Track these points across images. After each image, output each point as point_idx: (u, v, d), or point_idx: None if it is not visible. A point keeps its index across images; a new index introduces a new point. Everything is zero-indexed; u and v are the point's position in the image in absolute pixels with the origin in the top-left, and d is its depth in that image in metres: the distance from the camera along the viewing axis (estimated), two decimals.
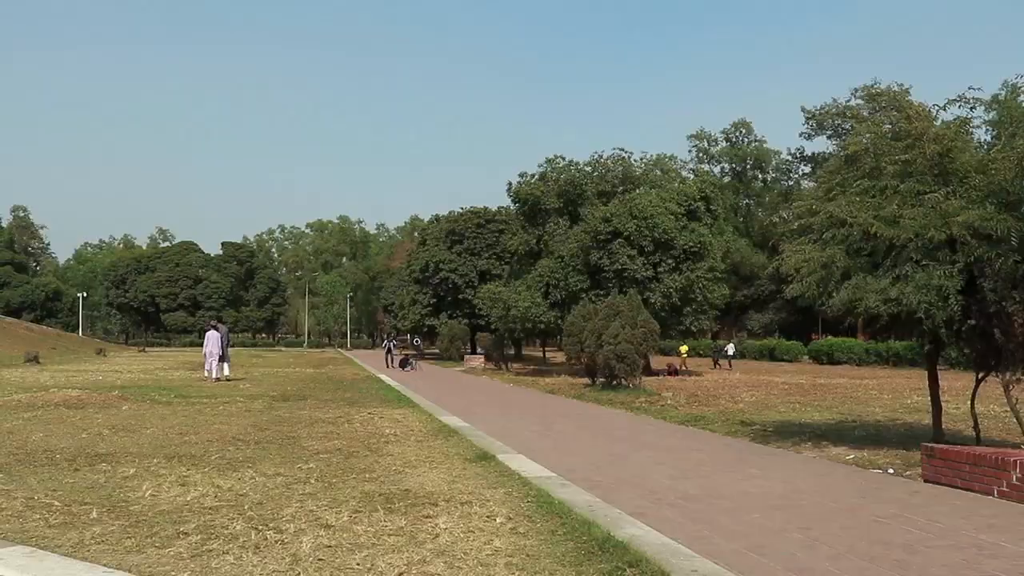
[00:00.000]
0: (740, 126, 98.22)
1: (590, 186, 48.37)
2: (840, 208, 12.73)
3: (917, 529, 8.06)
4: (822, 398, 25.12)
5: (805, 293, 12.92)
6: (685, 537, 7.55)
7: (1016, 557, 7.00)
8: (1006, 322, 11.62)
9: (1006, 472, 9.53)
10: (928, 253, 11.88)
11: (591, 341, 28.93)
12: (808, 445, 14.47)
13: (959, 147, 13.03)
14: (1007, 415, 15.24)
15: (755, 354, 65.62)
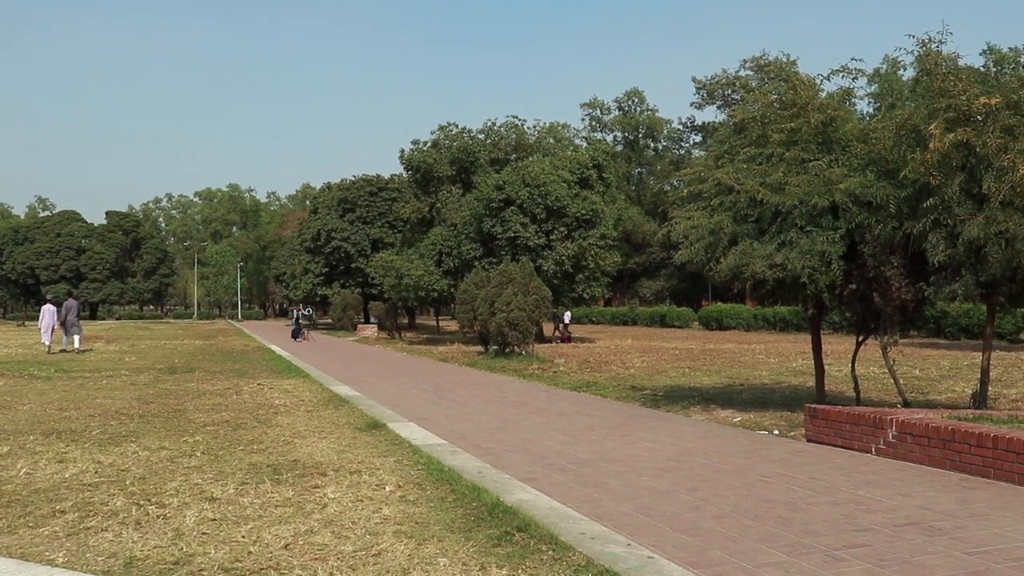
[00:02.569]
0: (633, 95, 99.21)
1: (483, 154, 48.28)
2: (728, 175, 12.95)
3: (799, 487, 8.29)
4: (711, 363, 25.65)
5: (693, 259, 13.12)
6: (575, 501, 7.62)
7: (890, 511, 7.27)
8: (884, 286, 11.98)
9: (883, 430, 9.87)
10: (812, 219, 12.17)
11: (484, 309, 28.96)
12: (697, 409, 14.76)
13: (842, 117, 13.37)
14: (886, 376, 15.78)
15: (647, 321, 66.61)
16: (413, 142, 50.34)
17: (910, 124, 11.93)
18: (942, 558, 5.87)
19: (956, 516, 7.07)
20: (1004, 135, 11.01)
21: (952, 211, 11.12)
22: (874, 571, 5.58)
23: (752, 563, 5.75)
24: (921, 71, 12.67)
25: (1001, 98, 11.29)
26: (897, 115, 12.54)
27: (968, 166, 11.38)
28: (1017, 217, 10.70)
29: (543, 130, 57.74)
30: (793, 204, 12.12)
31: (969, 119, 11.37)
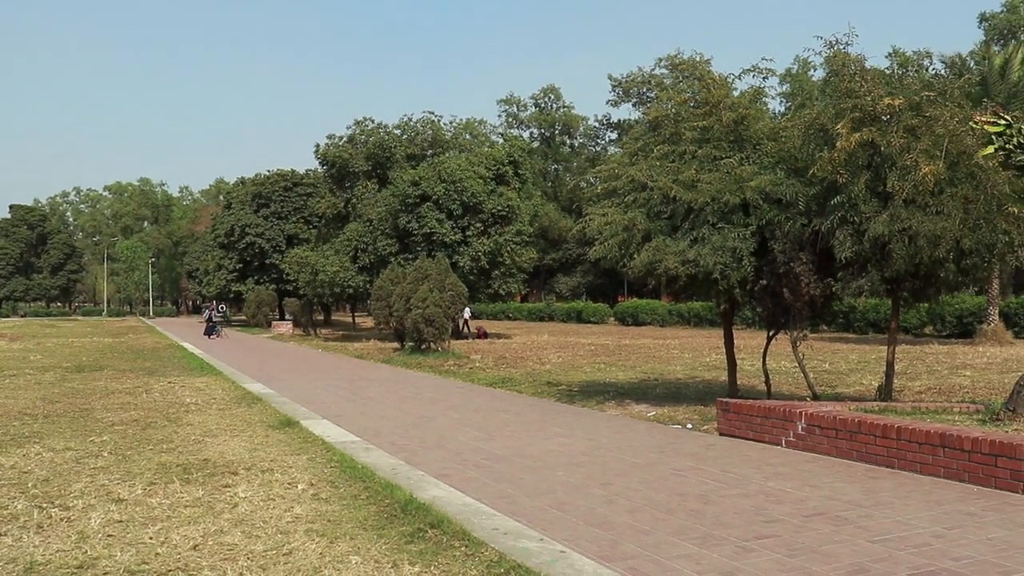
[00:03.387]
0: (549, 92, 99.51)
1: (399, 149, 48.02)
2: (641, 172, 13.08)
3: (712, 480, 8.42)
4: (626, 358, 25.88)
5: (607, 255, 13.23)
6: (489, 496, 7.64)
7: (799, 501, 7.43)
8: (794, 282, 12.21)
9: (792, 423, 10.07)
10: (724, 216, 12.35)
11: (400, 305, 28.83)
12: (612, 404, 14.88)
13: (753, 115, 13.60)
14: (797, 370, 16.08)
15: (563, 317, 66.96)
16: (328, 137, 49.93)
17: (818, 123, 12.19)
18: (848, 546, 6.01)
19: (862, 505, 7.25)
20: (907, 135, 11.30)
21: (858, 208, 11.38)
22: (783, 561, 5.69)
23: (664, 555, 5.82)
24: (830, 72, 12.94)
25: (904, 99, 11.59)
26: (806, 114, 12.81)
27: (873, 165, 11.66)
28: (919, 215, 11.00)
29: (460, 126, 57.76)
30: (705, 201, 12.29)
31: (874, 119, 11.64)
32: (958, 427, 8.83)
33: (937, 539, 6.20)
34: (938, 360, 23.60)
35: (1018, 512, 6.99)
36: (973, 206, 11.10)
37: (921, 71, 13.82)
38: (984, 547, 5.98)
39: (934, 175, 10.86)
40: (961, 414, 10.45)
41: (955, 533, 6.36)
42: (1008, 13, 69.50)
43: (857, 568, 5.54)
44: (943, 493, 7.72)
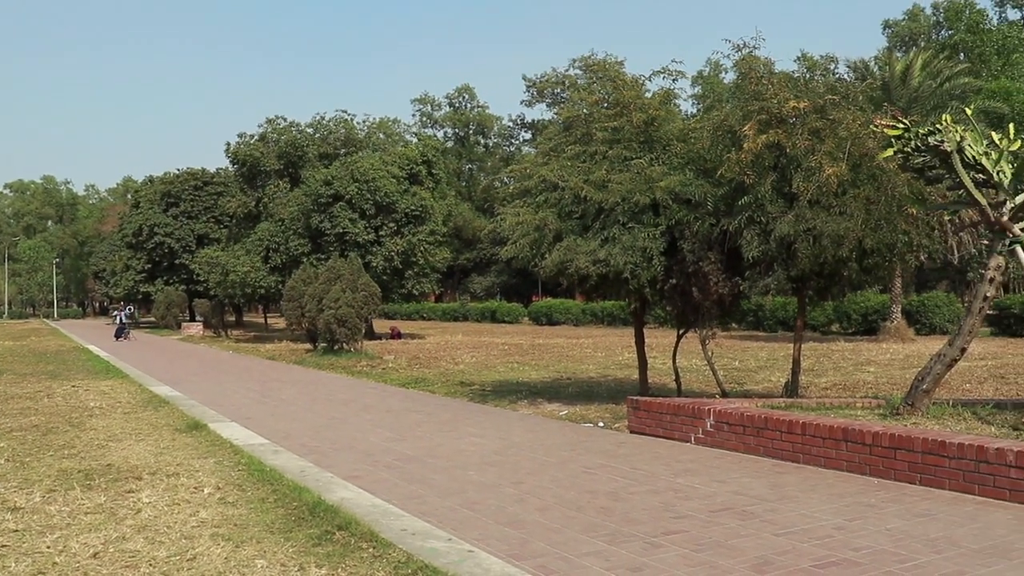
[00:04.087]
0: (464, 91, 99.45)
1: (312, 148, 47.57)
2: (553, 172, 13.14)
3: (621, 477, 8.49)
4: (540, 357, 25.99)
5: (519, 255, 13.26)
6: (399, 497, 7.59)
7: (706, 497, 7.53)
8: (703, 281, 12.38)
9: (701, 420, 10.21)
10: (634, 216, 12.47)
11: (312, 306, 28.54)
12: (524, 403, 14.93)
13: (663, 117, 13.76)
14: (707, 368, 16.31)
15: (477, 316, 66.96)
16: (239, 135, 49.23)
17: (726, 125, 12.38)
18: (753, 540, 6.12)
19: (768, 500, 7.39)
20: (812, 137, 11.55)
21: (765, 209, 11.59)
22: (690, 556, 5.76)
23: (574, 553, 5.85)
24: (740, 75, 13.16)
25: (809, 102, 11.84)
26: (715, 116, 13.01)
27: (779, 166, 11.89)
28: (823, 215, 11.24)
29: (373, 125, 57.37)
30: (616, 201, 12.39)
31: (781, 121, 11.87)
32: (860, 422, 9.04)
33: (839, 531, 6.34)
34: (844, 357, 24.17)
35: (916, 503, 7.20)
36: (874, 207, 11.39)
37: (828, 75, 14.14)
38: (883, 537, 6.14)
39: (837, 176, 11.11)
40: (864, 409, 10.72)
41: (856, 524, 6.52)
42: (910, 21, 71.54)
43: (762, 561, 5.63)
44: (846, 486, 7.91)
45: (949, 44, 59.03)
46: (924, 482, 7.82)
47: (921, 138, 9.76)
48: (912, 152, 9.90)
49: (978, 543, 5.99)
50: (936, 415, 9.78)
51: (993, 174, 9.69)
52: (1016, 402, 11.45)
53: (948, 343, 10.08)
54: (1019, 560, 5.61)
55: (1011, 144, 9.87)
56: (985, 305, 9.88)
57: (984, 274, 9.89)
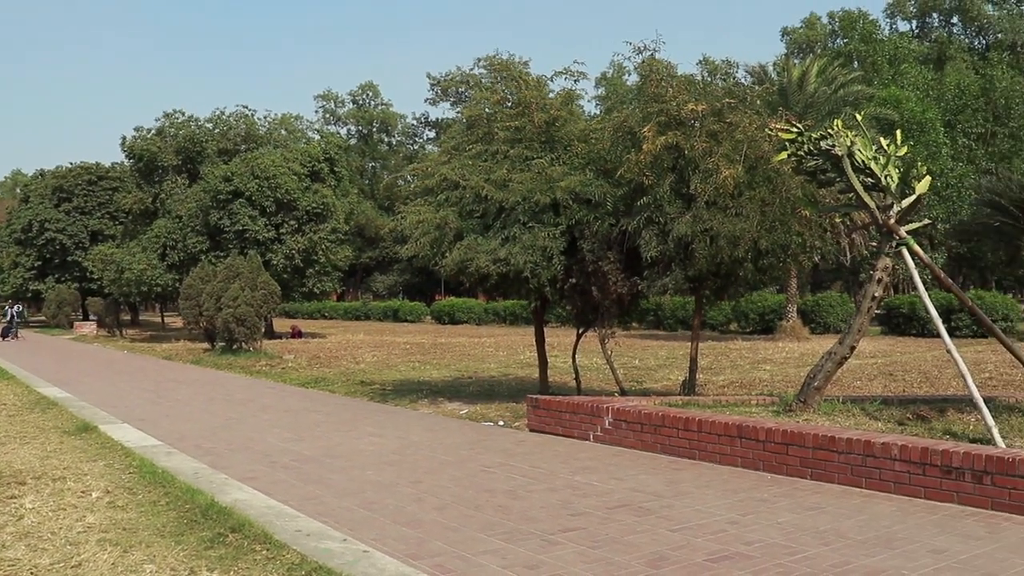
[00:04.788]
0: (367, 89, 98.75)
1: (211, 144, 46.67)
2: (454, 171, 13.12)
3: (520, 476, 8.51)
4: (441, 356, 25.93)
5: (419, 253, 13.21)
6: (296, 498, 7.49)
7: (604, 494, 7.61)
8: (602, 280, 12.48)
9: (600, 418, 10.30)
10: (534, 216, 12.52)
11: (210, 304, 28.00)
12: (425, 402, 14.88)
13: (565, 117, 13.83)
14: (607, 366, 16.47)
15: (379, 315, 66.52)
16: (136, 129, 47.93)
17: (626, 126, 12.52)
18: (649, 536, 6.20)
19: (664, 496, 7.49)
20: (709, 140, 11.75)
21: (663, 209, 11.74)
22: (586, 552, 5.81)
23: (471, 551, 5.85)
24: (642, 77, 13.32)
25: (707, 105, 12.04)
26: (615, 117, 13.13)
27: (678, 167, 12.06)
28: (720, 216, 11.44)
29: (275, 121, 56.64)
30: (516, 201, 12.43)
31: (679, 123, 12.06)
32: (754, 419, 9.24)
33: (732, 525, 6.46)
34: (741, 355, 24.66)
35: (806, 497, 7.39)
36: (769, 208, 11.64)
37: (728, 79, 14.40)
38: (775, 531, 6.28)
39: (734, 178, 11.32)
40: (758, 406, 10.94)
41: (749, 519, 6.65)
42: (807, 29, 73.42)
43: (657, 556, 5.70)
44: (740, 481, 8.07)
45: (844, 52, 60.75)
46: (815, 476, 8.02)
47: (814, 142, 10.00)
48: (805, 156, 10.14)
49: (864, 534, 6.18)
50: (827, 411, 10.03)
51: (881, 178, 9.97)
52: (902, 398, 11.82)
53: (839, 341, 10.35)
54: (901, 549, 5.80)
55: (898, 150, 10.18)
56: (873, 305, 10.17)
57: (872, 275, 10.18)
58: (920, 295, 9.97)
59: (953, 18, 74.64)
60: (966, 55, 65.39)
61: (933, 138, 43.62)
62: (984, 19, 71.64)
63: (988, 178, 20.58)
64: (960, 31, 74.32)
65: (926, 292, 10.02)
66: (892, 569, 5.39)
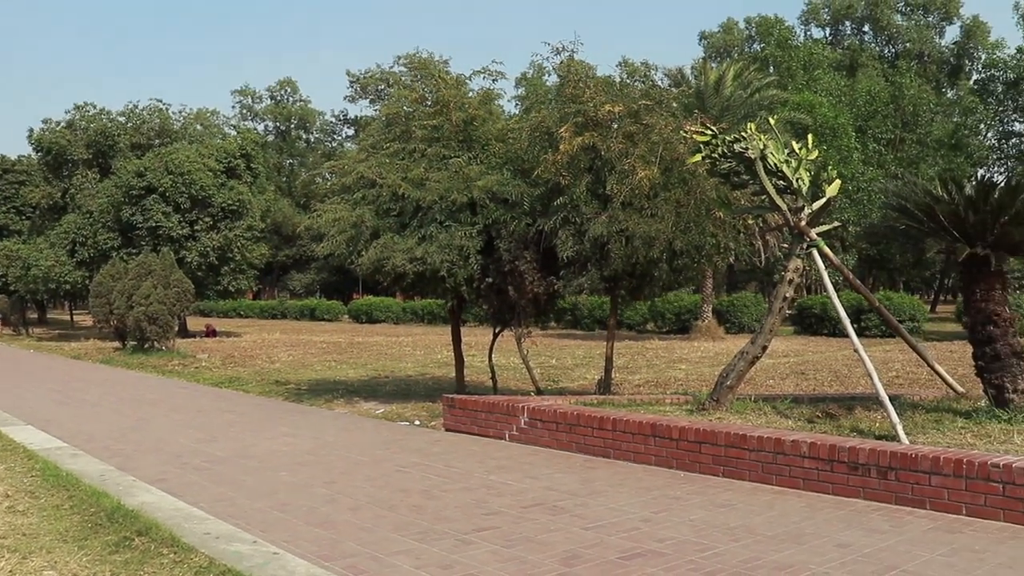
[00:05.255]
0: (286, 85, 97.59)
1: (123, 138, 45.70)
2: (371, 169, 13.03)
3: (435, 475, 8.48)
4: (358, 356, 25.76)
5: (335, 251, 13.09)
6: (207, 500, 7.36)
7: (519, 493, 7.61)
8: (519, 280, 12.49)
9: (515, 417, 10.31)
10: (451, 215, 12.50)
11: (121, 303, 27.40)
12: (341, 402, 14.76)
13: (482, 117, 13.82)
14: (524, 366, 16.52)
15: (296, 314, 65.79)
16: (44, 121, 46.83)
17: (544, 127, 12.55)
18: (563, 534, 6.21)
19: (578, 495, 7.52)
20: (626, 141, 11.84)
21: (579, 210, 11.80)
22: (500, 551, 5.80)
23: (384, 552, 5.80)
24: (560, 78, 13.38)
25: (624, 107, 12.14)
26: (533, 117, 13.16)
27: (594, 168, 12.14)
28: (636, 217, 11.54)
29: (190, 116, 55.56)
30: (433, 200, 12.39)
31: (596, 124, 12.12)
32: (668, 417, 9.33)
33: (645, 523, 6.52)
34: (657, 355, 24.93)
35: (719, 494, 7.48)
36: (684, 210, 11.78)
37: (647, 81, 14.53)
38: (686, 528, 6.35)
39: (649, 180, 11.43)
40: (672, 405, 11.06)
41: (662, 516, 6.72)
42: (724, 33, 74.65)
43: (570, 554, 5.72)
44: (653, 479, 8.14)
45: (760, 57, 61.87)
46: (727, 474, 8.13)
47: (727, 145, 10.15)
48: (719, 158, 10.28)
49: (773, 530, 6.28)
50: (739, 410, 10.18)
51: (793, 181, 10.16)
52: (813, 397, 12.05)
53: (751, 341, 10.51)
54: (808, 544, 5.91)
55: (810, 153, 10.39)
56: (785, 305, 10.35)
57: (784, 276, 10.37)
58: (829, 296, 10.18)
59: (864, 27, 76.61)
60: (877, 63, 67.10)
61: (845, 143, 44.61)
62: (894, 28, 73.66)
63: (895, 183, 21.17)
64: (871, 39, 76.29)
65: (835, 293, 10.24)
66: (800, 564, 5.49)
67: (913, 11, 74.75)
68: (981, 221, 9.41)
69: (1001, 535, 6.12)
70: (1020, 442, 8.11)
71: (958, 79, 71.66)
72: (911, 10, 74.88)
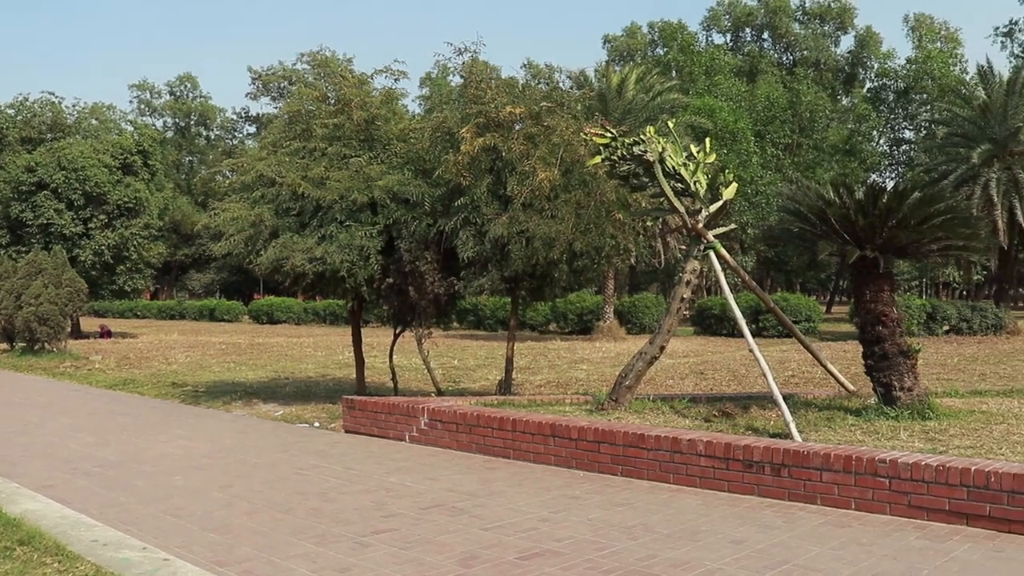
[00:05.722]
0: (186, 80, 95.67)
1: (12, 131, 44.15)
2: (271, 167, 12.83)
3: (334, 477, 8.40)
4: (258, 357, 25.37)
5: (234, 251, 12.86)
6: (97, 506, 7.16)
7: (418, 495, 7.59)
8: (419, 280, 12.43)
9: (416, 418, 10.28)
10: (352, 215, 12.38)
11: (9, 302, 26.47)
12: (239, 404, 14.52)
13: (384, 116, 13.72)
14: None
15: (195, 315, 64.52)
16: None
17: (445, 127, 12.52)
18: (461, 535, 6.21)
19: (477, 495, 7.53)
20: (527, 142, 11.88)
21: (480, 210, 11.80)
22: (398, 554, 5.77)
23: (280, 556, 5.73)
24: (463, 78, 13.36)
25: (526, 108, 12.18)
26: (434, 118, 13.12)
27: (495, 169, 12.15)
28: (536, 218, 11.58)
29: (84, 110, 53.94)
30: (334, 199, 12.26)
31: (498, 126, 12.14)
32: (568, 417, 9.39)
33: (544, 523, 6.55)
34: (559, 355, 25.08)
35: (617, 493, 7.57)
36: (584, 211, 11.87)
37: (551, 83, 14.59)
38: (585, 527, 6.40)
39: (550, 181, 11.49)
40: (572, 405, 11.14)
41: (560, 516, 6.76)
42: (628, 37, 75.46)
43: (468, 555, 5.73)
44: (553, 479, 8.19)
45: (664, 62, 62.83)
46: (625, 473, 8.22)
47: (627, 147, 10.27)
48: (619, 160, 10.40)
49: (670, 528, 6.38)
50: (638, 410, 10.31)
51: (691, 184, 10.33)
52: (710, 396, 12.28)
53: (649, 342, 10.65)
54: (704, 541, 6.02)
55: (707, 157, 10.58)
56: (682, 306, 10.51)
57: (681, 277, 10.53)
58: (725, 296, 10.39)
59: (764, 34, 78.25)
60: (775, 69, 68.62)
61: (744, 147, 45.58)
62: (792, 37, 75.42)
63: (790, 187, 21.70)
64: (770, 47, 77.97)
65: (732, 294, 10.45)
66: (695, 561, 5.58)
67: (810, 20, 76.68)
68: (870, 225, 9.70)
69: (887, 528, 6.32)
70: (906, 438, 8.39)
71: (852, 87, 73.85)
72: (808, 19, 76.82)
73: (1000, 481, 6.19)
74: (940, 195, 10.30)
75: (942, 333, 33.59)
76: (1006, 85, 40.45)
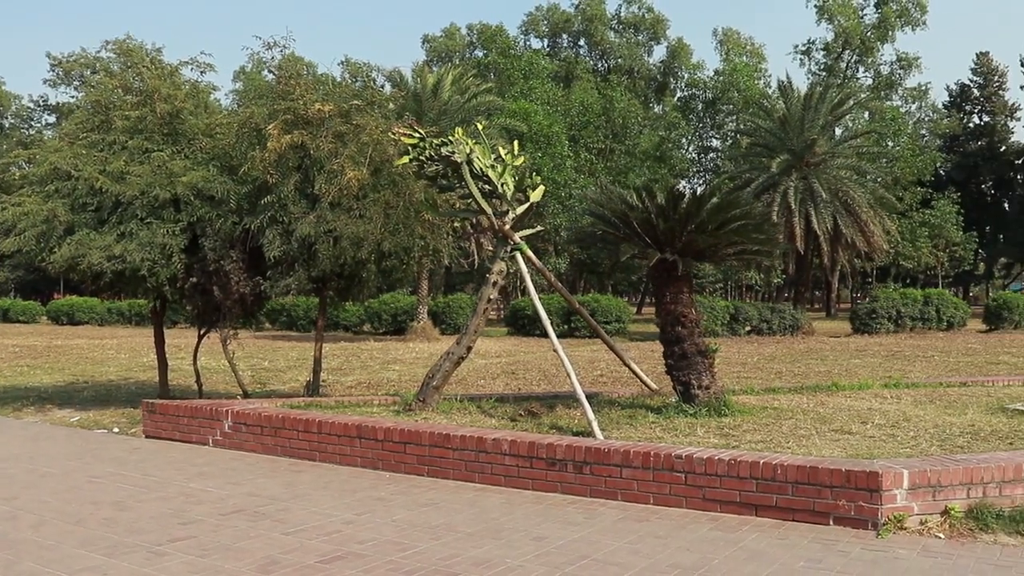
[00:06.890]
0: None
1: None
2: (65, 160, 12.22)
3: (131, 485, 8.11)
4: (56, 360, 24.16)
5: (24, 248, 12.18)
6: None
7: (219, 500, 7.41)
8: (224, 280, 12.09)
9: (219, 422, 10.04)
10: (154, 211, 11.94)
11: None
12: (31, 410, 13.78)
13: (189, 109, 13.29)
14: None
15: None
16: None
17: (252, 123, 12.24)
18: (262, 541, 6.12)
19: (281, 499, 7.42)
20: (336, 141, 11.75)
21: (288, 209, 11.59)
22: (195, 562, 5.64)
23: (68, 570, 5.50)
24: (275, 74, 13.11)
25: (335, 106, 12.04)
26: (241, 113, 12.83)
27: (303, 167, 11.97)
28: (344, 217, 11.47)
29: None
30: (134, 195, 11.79)
31: (306, 123, 11.96)
32: (374, 418, 9.38)
33: (348, 525, 6.52)
34: (372, 356, 24.97)
35: (423, 493, 7.61)
36: (393, 211, 11.84)
37: (368, 81, 14.49)
38: (389, 529, 6.41)
39: (358, 180, 11.40)
40: (380, 406, 11.13)
41: (365, 518, 6.75)
42: (447, 38, 75.81)
43: (269, 561, 5.65)
44: (359, 481, 8.16)
45: (483, 64, 63.36)
46: (432, 473, 8.27)
47: (435, 148, 10.33)
48: (427, 161, 10.45)
49: (474, 527, 6.46)
50: (445, 410, 10.39)
51: (498, 185, 10.48)
52: (518, 395, 12.50)
53: (456, 342, 10.75)
54: (506, 539, 6.13)
55: (515, 159, 10.75)
56: (489, 306, 10.68)
57: (488, 278, 10.67)
58: (531, 298, 10.58)
59: (580, 40, 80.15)
60: (591, 76, 70.29)
61: (559, 151, 46.44)
62: (607, 44, 77.56)
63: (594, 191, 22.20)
64: (586, 53, 79.90)
65: (537, 295, 10.65)
66: (497, 559, 5.67)
67: (625, 29, 79.04)
68: (670, 229, 10.08)
69: (683, 521, 6.59)
70: (702, 434, 8.76)
71: (664, 95, 76.43)
72: (623, 28, 79.18)
73: (786, 473, 6.54)
74: (736, 201, 10.78)
75: (744, 333, 35.17)
76: (803, 99, 42.98)
